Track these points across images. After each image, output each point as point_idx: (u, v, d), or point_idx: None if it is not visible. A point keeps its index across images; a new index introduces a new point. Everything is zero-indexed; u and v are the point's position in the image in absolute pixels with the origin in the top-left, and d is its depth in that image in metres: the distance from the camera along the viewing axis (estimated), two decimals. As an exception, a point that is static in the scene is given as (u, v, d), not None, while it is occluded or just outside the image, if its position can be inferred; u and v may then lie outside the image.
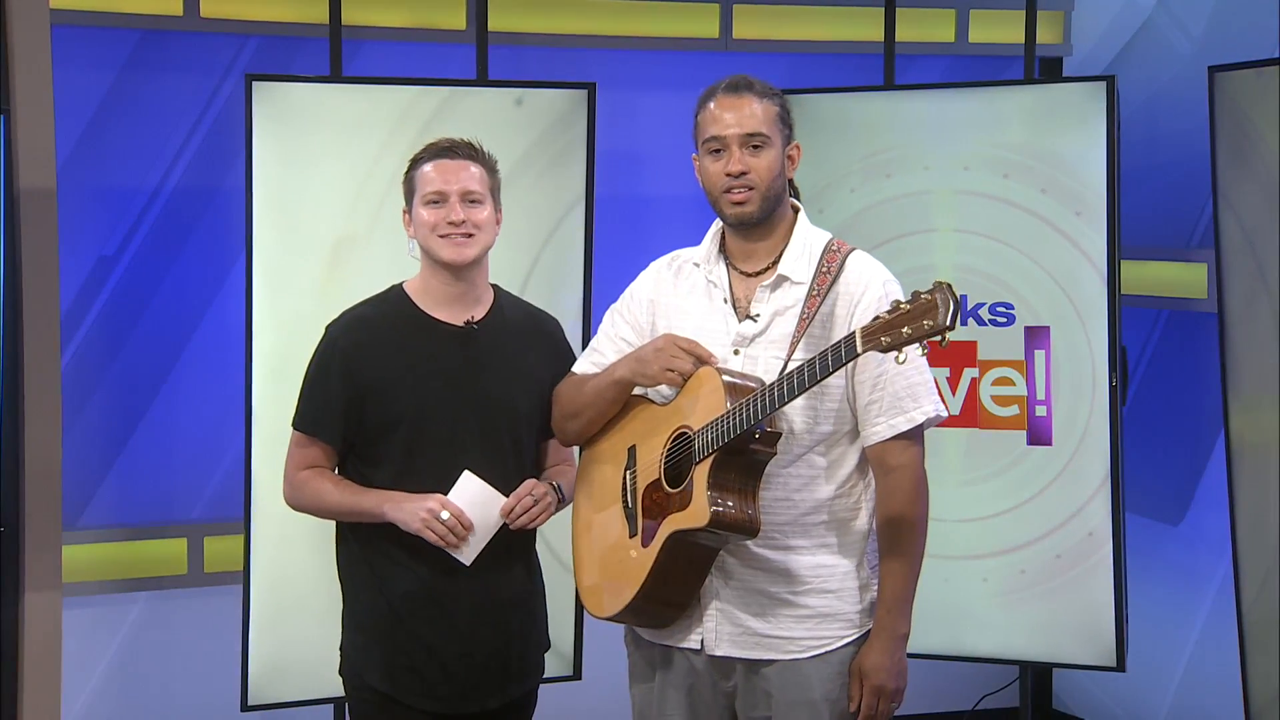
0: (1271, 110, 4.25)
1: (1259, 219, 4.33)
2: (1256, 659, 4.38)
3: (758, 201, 2.99)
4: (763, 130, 2.98)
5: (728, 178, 2.98)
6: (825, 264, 2.98)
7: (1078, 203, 4.59)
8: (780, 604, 3.00)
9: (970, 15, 5.35)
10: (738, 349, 3.01)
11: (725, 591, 3.02)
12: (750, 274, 3.05)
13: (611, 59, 5.05)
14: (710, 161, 3.01)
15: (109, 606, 4.69)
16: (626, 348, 3.14)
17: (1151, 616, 5.08)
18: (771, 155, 2.99)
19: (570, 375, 3.26)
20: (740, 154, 2.97)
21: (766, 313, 3.00)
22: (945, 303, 2.64)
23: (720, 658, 3.04)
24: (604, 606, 3.12)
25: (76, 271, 4.59)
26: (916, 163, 4.75)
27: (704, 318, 3.05)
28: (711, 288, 3.06)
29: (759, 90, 3.01)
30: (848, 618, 3.02)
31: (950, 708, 5.44)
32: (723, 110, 3.00)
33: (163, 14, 4.64)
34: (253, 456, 4.26)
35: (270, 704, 4.34)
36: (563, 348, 3.35)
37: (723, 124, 2.99)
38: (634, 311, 3.15)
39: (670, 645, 3.09)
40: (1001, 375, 4.71)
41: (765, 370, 2.96)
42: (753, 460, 2.91)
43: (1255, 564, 4.38)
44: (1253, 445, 4.40)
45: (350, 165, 4.32)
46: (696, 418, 2.95)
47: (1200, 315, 4.94)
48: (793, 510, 2.99)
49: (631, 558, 3.04)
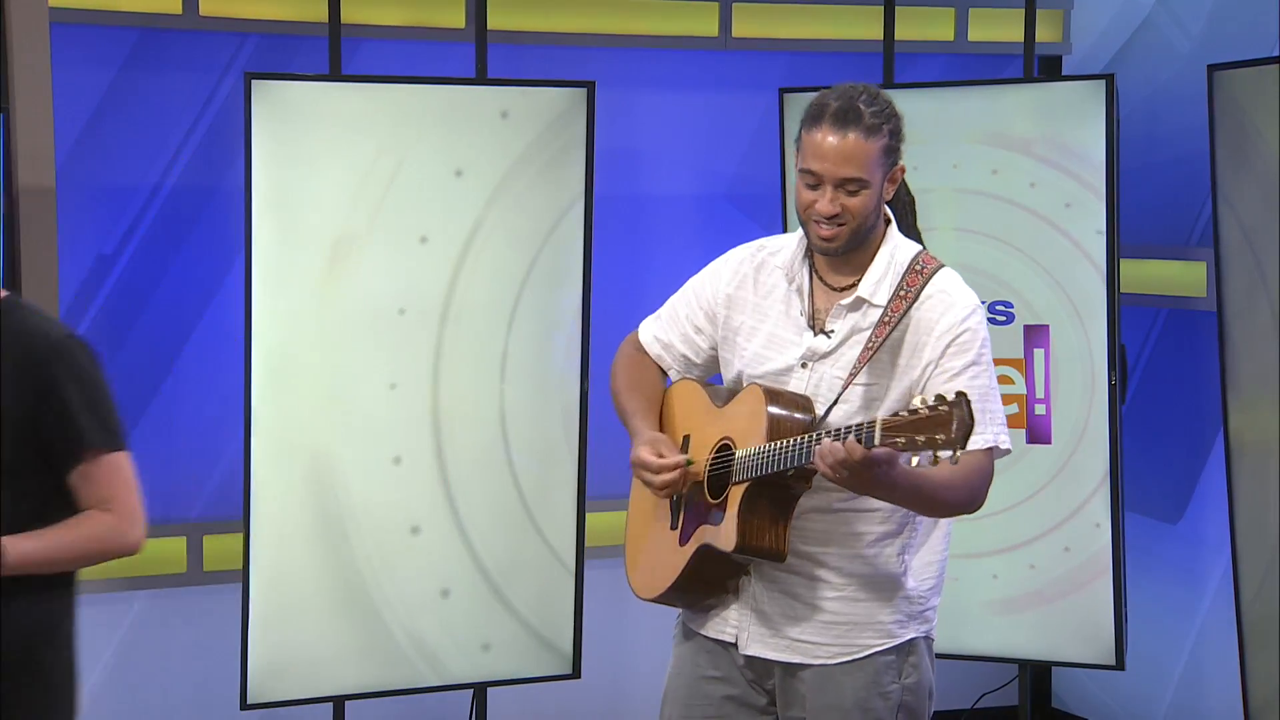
0: (1271, 109, 4.25)
1: (1258, 217, 4.33)
2: (1255, 657, 4.38)
3: (845, 238, 2.87)
4: (862, 175, 2.84)
5: (818, 211, 2.86)
6: (905, 286, 2.88)
7: (1077, 201, 4.60)
8: (810, 609, 2.94)
9: (969, 14, 5.35)
10: (806, 362, 2.92)
11: (758, 591, 2.97)
12: (834, 289, 2.95)
13: (610, 57, 5.05)
14: (804, 188, 2.88)
15: (108, 605, 4.69)
16: (695, 335, 3.07)
17: (1150, 615, 5.08)
18: (868, 195, 2.86)
19: (634, 338, 3.16)
20: (834, 193, 2.84)
21: (842, 331, 2.91)
22: (959, 420, 2.55)
23: (755, 658, 3.00)
24: (644, 588, 3.08)
25: (75, 270, 4.59)
26: (915, 161, 4.72)
27: (778, 324, 2.97)
28: (792, 296, 2.97)
29: (867, 125, 2.84)
30: (881, 627, 2.96)
31: (950, 706, 5.44)
32: (824, 145, 2.84)
33: (161, 12, 4.63)
34: (252, 455, 4.26)
35: (269, 703, 4.35)
36: (58, 382, 2.81)
37: (821, 160, 2.84)
38: (710, 302, 3.05)
39: (708, 634, 3.04)
40: (1001, 374, 4.65)
41: (828, 391, 2.89)
42: (787, 493, 2.86)
43: (1254, 562, 4.38)
44: (1252, 443, 4.40)
45: (349, 164, 4.32)
46: (739, 435, 2.90)
47: (1199, 314, 4.94)
48: (831, 512, 2.93)
49: (669, 550, 3.01)
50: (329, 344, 4.32)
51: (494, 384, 4.45)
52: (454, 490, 4.43)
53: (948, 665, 5.01)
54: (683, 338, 3.09)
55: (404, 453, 4.39)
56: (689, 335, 3.08)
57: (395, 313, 4.36)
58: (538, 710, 4.98)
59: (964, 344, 2.88)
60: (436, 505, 4.42)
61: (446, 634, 4.44)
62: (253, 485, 4.27)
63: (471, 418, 4.44)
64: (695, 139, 5.16)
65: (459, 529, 4.44)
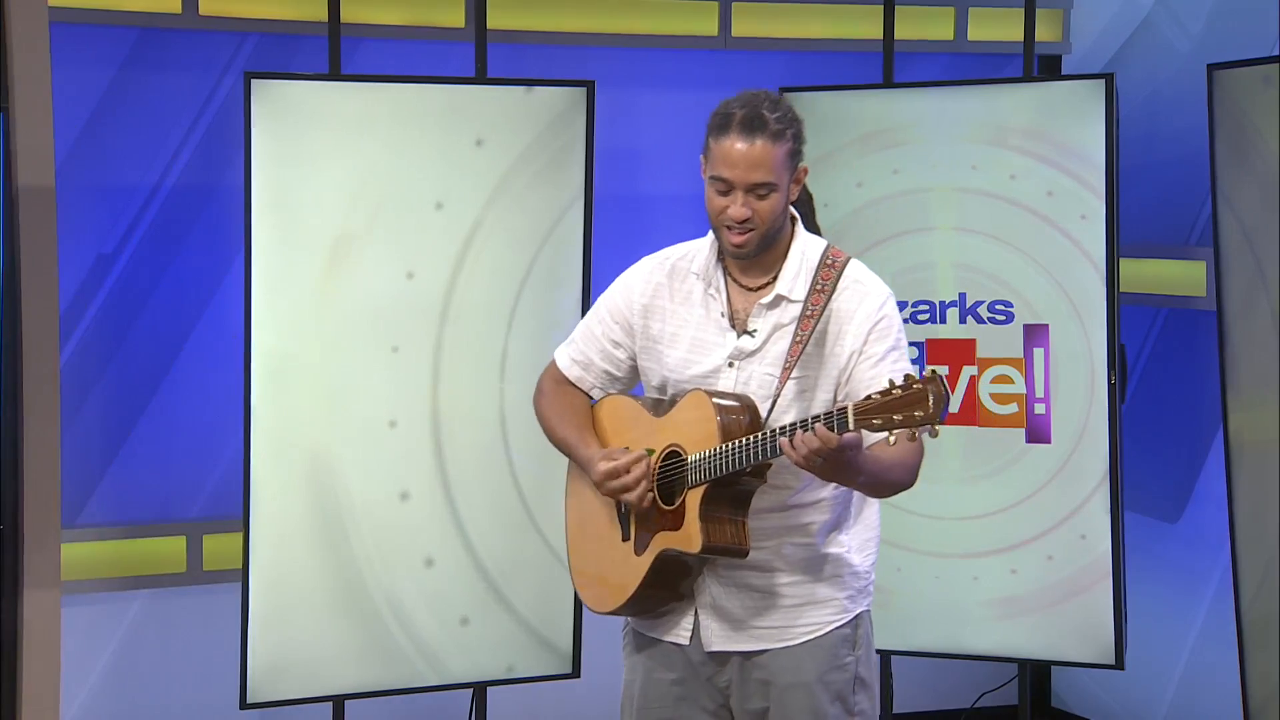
0: (1270, 108, 4.25)
1: (1258, 217, 4.33)
2: (1255, 656, 4.38)
3: (757, 241, 2.99)
4: (770, 179, 2.95)
5: (730, 216, 2.97)
6: (820, 280, 3.00)
7: (1077, 201, 4.60)
8: (768, 597, 3.04)
9: (969, 13, 5.35)
10: (733, 362, 3.02)
11: (716, 589, 3.06)
12: (749, 289, 3.05)
13: (610, 57, 5.05)
14: (715, 194, 2.99)
15: (108, 605, 4.69)
16: (613, 349, 3.15)
17: (1150, 614, 5.08)
18: (777, 198, 2.97)
19: (552, 370, 3.23)
20: (745, 198, 2.96)
21: (764, 329, 3.02)
22: (935, 395, 2.68)
23: (715, 654, 3.07)
24: (601, 603, 3.16)
25: (75, 269, 4.59)
26: (915, 161, 4.75)
27: (700, 328, 3.06)
28: (710, 300, 3.06)
29: (773, 131, 2.95)
30: (836, 603, 3.07)
31: (949, 706, 5.45)
32: (734, 152, 2.96)
33: (161, 12, 4.63)
34: (252, 454, 4.26)
35: (269, 702, 4.35)
36: None
37: (732, 167, 2.96)
38: (625, 315, 3.14)
39: (662, 639, 3.12)
40: (1000, 373, 4.71)
41: (759, 387, 2.99)
42: (743, 490, 2.97)
43: (1254, 561, 4.38)
44: (1251, 443, 4.40)
45: (349, 163, 4.32)
46: (689, 442, 2.98)
47: (1199, 313, 4.94)
48: (784, 509, 3.02)
49: (625, 561, 3.08)
50: (328, 343, 4.32)
51: (494, 384, 4.45)
52: (454, 491, 4.44)
53: (947, 665, 5.02)
54: (601, 353, 3.17)
55: (403, 452, 4.39)
56: (607, 350, 3.16)
57: (394, 313, 4.36)
58: (537, 709, 4.98)
59: (883, 330, 2.99)
60: (436, 505, 4.42)
61: (446, 633, 4.44)
62: (252, 485, 4.27)
63: (471, 418, 4.45)
64: (695, 139, 5.12)
65: (459, 529, 4.44)
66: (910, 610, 4.78)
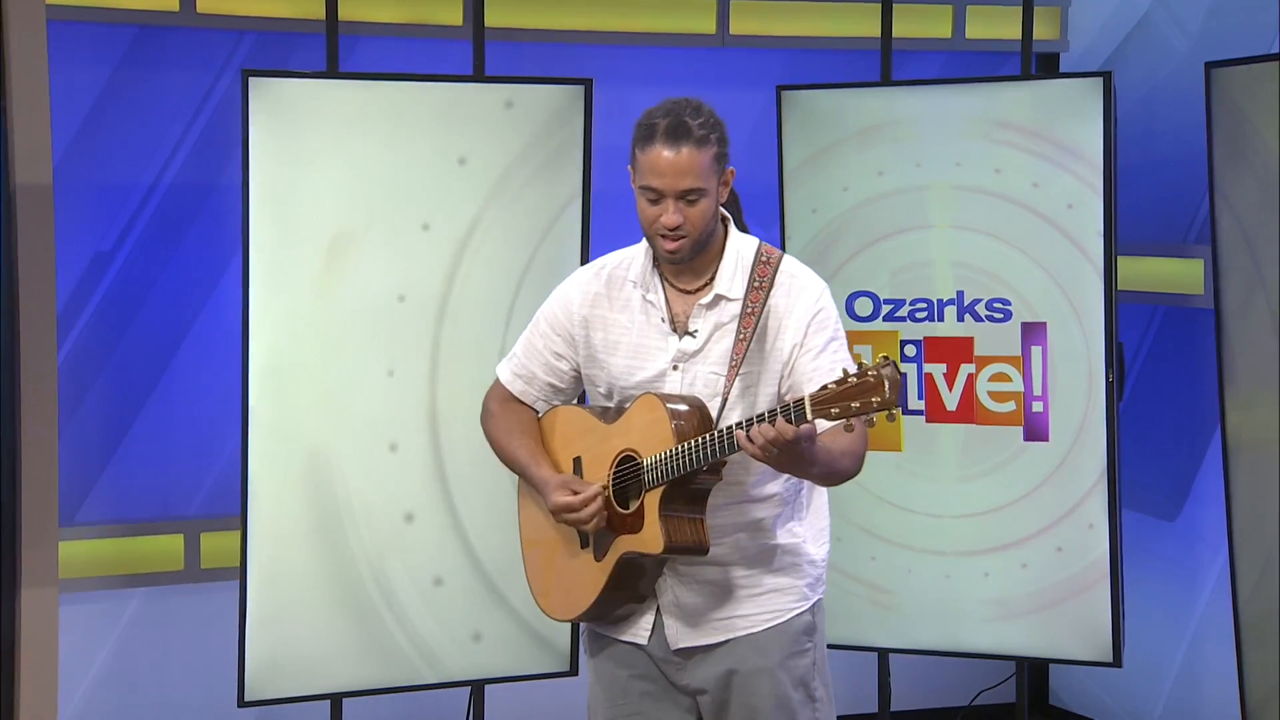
0: (1268, 106, 4.25)
1: (1256, 215, 4.33)
2: (1253, 654, 4.39)
3: (689, 247, 3.03)
4: (699, 185, 2.99)
5: (662, 224, 3.02)
6: (757, 277, 3.05)
7: (1075, 199, 4.60)
8: (734, 588, 3.10)
9: (967, 11, 5.35)
10: (677, 364, 3.07)
11: (678, 588, 3.10)
12: (687, 291, 3.10)
13: (608, 55, 5.05)
14: (646, 204, 3.03)
15: (106, 603, 4.69)
16: (556, 361, 3.20)
17: (1148, 612, 5.08)
18: (707, 202, 3.02)
19: (496, 389, 3.29)
20: (676, 206, 3.00)
21: (705, 329, 3.06)
22: (890, 380, 2.73)
23: (678, 650, 3.12)
24: (563, 610, 3.23)
25: (73, 267, 4.59)
26: (913, 158, 4.75)
27: (641, 334, 3.10)
28: (649, 306, 3.11)
29: (696, 137, 2.98)
30: (797, 590, 3.12)
31: (947, 703, 5.45)
32: (660, 162, 2.99)
33: (159, 9, 4.63)
34: (250, 452, 4.26)
35: (267, 700, 4.35)
36: None
37: (660, 176, 2.99)
38: (566, 327, 3.18)
39: (624, 640, 3.17)
40: (998, 371, 4.71)
41: (705, 387, 3.04)
42: (700, 488, 3.01)
43: (1251, 559, 4.39)
44: (1249, 441, 4.40)
45: (347, 161, 4.31)
46: (642, 445, 3.02)
47: (1197, 311, 4.94)
48: (738, 504, 3.07)
49: (585, 568, 3.13)
50: (326, 341, 4.32)
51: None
52: (451, 486, 4.44)
53: (945, 662, 5.02)
54: (544, 366, 3.22)
55: (401, 447, 4.39)
56: (550, 363, 3.21)
57: (393, 310, 4.36)
58: (535, 707, 4.98)
59: (822, 322, 3.05)
60: (433, 501, 4.42)
61: (443, 630, 4.44)
62: (250, 482, 4.27)
63: (469, 414, 4.43)
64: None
65: (455, 525, 4.45)
66: (908, 608, 4.78)
